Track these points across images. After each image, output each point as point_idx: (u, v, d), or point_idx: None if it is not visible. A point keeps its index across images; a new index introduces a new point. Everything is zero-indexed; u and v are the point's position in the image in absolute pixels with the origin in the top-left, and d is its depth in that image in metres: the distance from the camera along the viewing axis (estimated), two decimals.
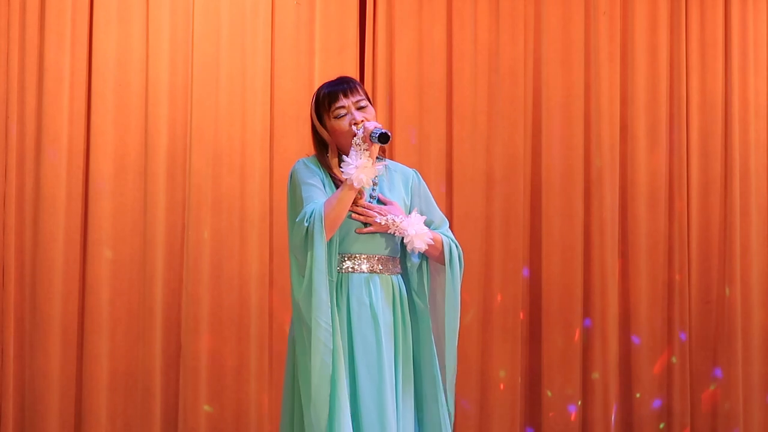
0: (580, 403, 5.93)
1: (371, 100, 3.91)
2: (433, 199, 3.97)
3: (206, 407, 5.53)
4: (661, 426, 5.99)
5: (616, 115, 6.01)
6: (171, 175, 5.58)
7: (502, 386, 5.84)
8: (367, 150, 3.69)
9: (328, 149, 3.84)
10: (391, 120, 5.83)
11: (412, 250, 3.80)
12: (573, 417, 5.92)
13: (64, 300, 5.47)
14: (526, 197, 5.94)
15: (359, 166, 3.66)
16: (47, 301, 5.44)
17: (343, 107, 3.79)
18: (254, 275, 5.60)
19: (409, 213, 3.85)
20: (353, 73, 5.72)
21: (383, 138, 3.67)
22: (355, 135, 3.72)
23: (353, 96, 3.81)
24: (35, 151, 5.50)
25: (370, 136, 3.68)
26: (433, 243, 3.81)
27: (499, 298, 5.87)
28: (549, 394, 5.91)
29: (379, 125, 3.72)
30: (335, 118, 3.80)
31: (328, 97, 3.82)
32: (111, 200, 5.53)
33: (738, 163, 6.08)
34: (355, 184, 3.66)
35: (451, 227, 5.89)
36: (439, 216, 3.93)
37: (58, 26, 5.52)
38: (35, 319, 5.45)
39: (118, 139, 5.56)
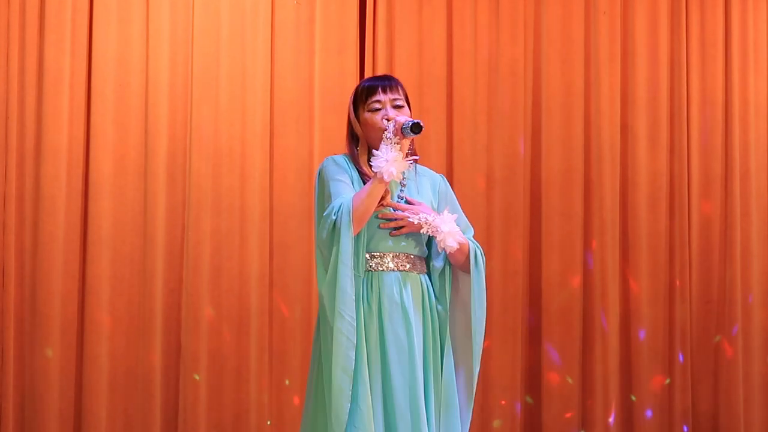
0: (580, 403, 5.93)
1: (410, 103, 3.89)
2: (459, 205, 3.95)
3: (206, 407, 5.52)
4: (662, 426, 5.99)
5: (616, 115, 6.01)
6: (171, 174, 5.58)
7: (502, 385, 5.84)
8: (398, 143, 3.66)
9: (359, 144, 3.82)
10: None
11: (443, 249, 3.77)
12: (573, 417, 5.91)
13: (64, 300, 5.47)
14: (526, 197, 5.94)
15: (390, 159, 3.63)
16: (47, 301, 5.44)
17: (379, 101, 3.78)
18: (254, 275, 5.60)
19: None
20: (353, 73, 5.73)
21: (416, 128, 3.64)
22: (386, 130, 3.70)
23: (392, 93, 3.80)
24: (35, 151, 5.50)
25: (402, 128, 3.66)
26: (464, 242, 3.79)
27: (499, 298, 5.87)
28: (549, 393, 5.91)
29: (410, 119, 3.70)
30: (369, 111, 3.78)
31: (367, 90, 3.81)
32: (111, 200, 5.53)
33: (738, 163, 6.08)
34: (385, 177, 3.63)
35: None
36: (465, 222, 3.91)
37: (58, 26, 5.52)
38: (35, 319, 5.45)
39: (118, 139, 5.56)
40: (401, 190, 3.82)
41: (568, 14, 6.01)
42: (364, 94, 3.81)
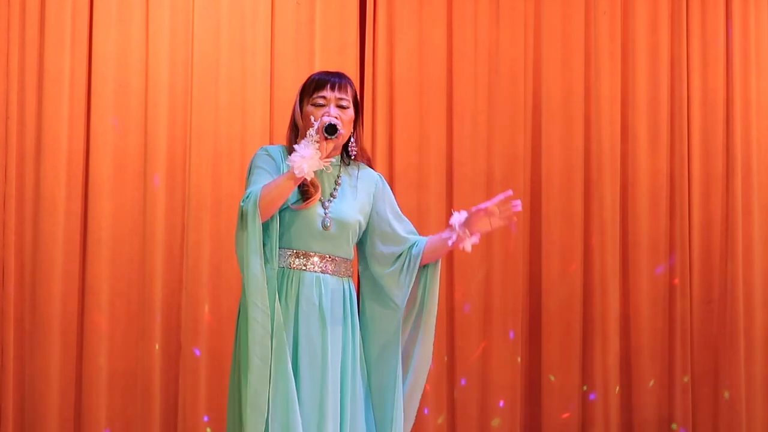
0: (580, 403, 5.92)
1: (359, 105, 3.87)
2: (396, 204, 3.94)
3: (205, 407, 5.52)
4: (662, 426, 5.99)
5: (616, 115, 6.01)
6: (171, 175, 5.58)
7: (501, 385, 5.84)
8: (317, 142, 3.65)
9: (298, 135, 3.80)
10: (391, 120, 5.83)
11: (462, 248, 3.80)
12: (573, 417, 5.91)
13: (64, 300, 5.47)
14: (526, 197, 5.93)
15: (305, 156, 3.62)
16: (47, 301, 5.44)
17: (324, 97, 3.77)
18: None
19: (368, 216, 3.85)
20: (353, 73, 5.73)
21: (330, 129, 3.64)
22: (312, 127, 3.68)
23: (339, 92, 3.78)
24: (35, 151, 5.50)
25: (323, 129, 3.66)
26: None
27: (499, 298, 5.87)
28: (549, 393, 5.90)
29: (337, 121, 3.69)
30: (313, 105, 3.78)
31: (316, 83, 3.81)
32: (111, 200, 5.53)
33: (740, 163, 6.07)
34: (296, 173, 3.62)
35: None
36: (408, 222, 3.93)
37: (58, 26, 5.52)
38: (35, 319, 5.45)
39: (117, 139, 5.56)
40: (335, 189, 3.81)
41: (568, 14, 6.01)
42: (311, 87, 3.80)
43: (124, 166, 5.56)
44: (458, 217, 3.80)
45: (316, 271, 3.76)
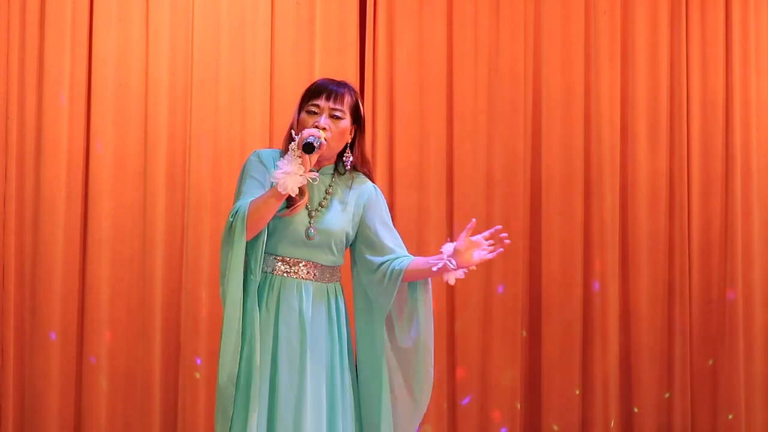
0: (580, 403, 5.93)
1: (361, 118, 3.83)
2: (389, 218, 3.90)
3: (205, 407, 5.53)
4: (661, 427, 5.99)
5: (616, 115, 6.01)
6: (171, 175, 5.58)
7: (501, 386, 5.84)
8: (299, 158, 3.62)
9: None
10: (391, 120, 5.83)
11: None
12: (573, 417, 5.91)
13: (64, 300, 5.47)
14: (526, 197, 5.93)
15: (288, 173, 3.61)
16: (47, 301, 5.45)
17: (317, 106, 3.76)
18: None
19: (357, 226, 3.83)
20: (353, 73, 5.73)
21: (306, 148, 3.60)
22: (293, 140, 3.67)
23: (335, 102, 3.75)
24: (35, 151, 5.50)
25: (301, 146, 3.63)
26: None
27: (499, 298, 5.86)
28: (549, 394, 5.91)
29: (318, 135, 3.65)
30: (306, 112, 3.76)
31: (312, 91, 3.80)
32: (111, 200, 5.53)
33: (739, 163, 6.07)
34: (280, 190, 3.61)
35: (451, 227, 5.92)
36: (398, 235, 3.89)
37: (58, 26, 5.52)
38: (35, 319, 5.45)
39: (117, 140, 5.56)
40: (324, 198, 3.79)
41: (568, 14, 6.00)
42: (308, 93, 3.79)
43: (124, 166, 5.56)
44: (448, 248, 3.78)
45: (299, 278, 3.75)
